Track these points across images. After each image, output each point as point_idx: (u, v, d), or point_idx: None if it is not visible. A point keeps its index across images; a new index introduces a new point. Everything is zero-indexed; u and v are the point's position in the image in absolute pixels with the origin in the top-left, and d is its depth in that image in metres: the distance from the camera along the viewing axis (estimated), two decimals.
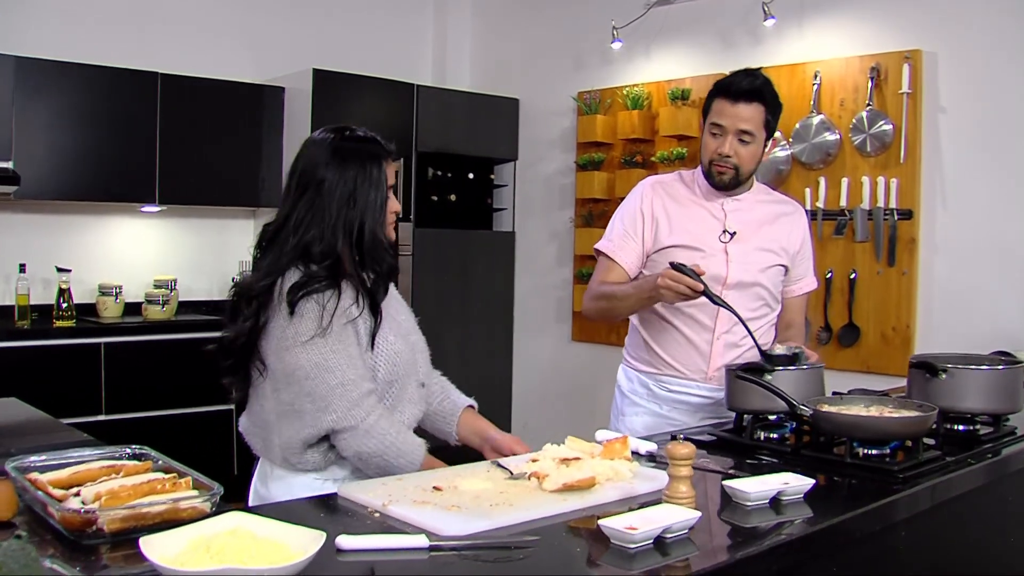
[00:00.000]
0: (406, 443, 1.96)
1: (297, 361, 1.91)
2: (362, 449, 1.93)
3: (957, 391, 2.26)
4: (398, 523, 1.55)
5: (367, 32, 6.04)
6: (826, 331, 4.42)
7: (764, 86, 2.54)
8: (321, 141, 2.03)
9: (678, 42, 5.13)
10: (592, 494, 1.69)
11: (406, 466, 1.94)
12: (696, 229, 2.60)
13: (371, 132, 2.09)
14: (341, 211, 1.97)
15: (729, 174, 2.57)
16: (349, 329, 1.95)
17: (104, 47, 4.85)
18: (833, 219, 4.37)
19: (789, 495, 1.72)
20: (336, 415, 1.91)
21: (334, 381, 1.90)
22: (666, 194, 2.66)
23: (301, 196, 1.99)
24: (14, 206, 4.63)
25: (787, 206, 2.74)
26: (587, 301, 2.69)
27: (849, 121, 4.32)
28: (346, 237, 1.97)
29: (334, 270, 1.96)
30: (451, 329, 5.86)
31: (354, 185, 1.98)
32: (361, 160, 2.01)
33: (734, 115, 2.51)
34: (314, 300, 1.91)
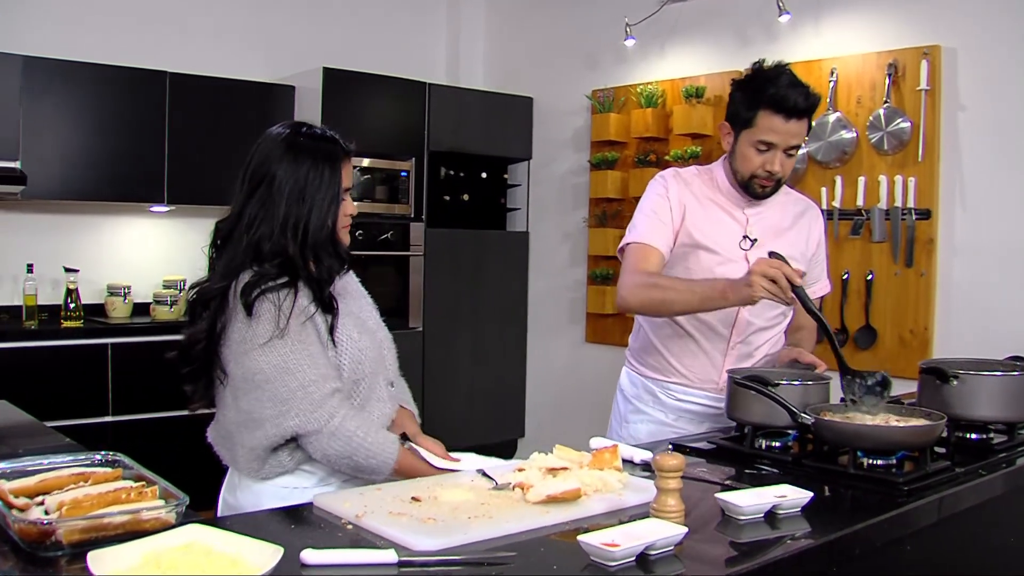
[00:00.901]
0: (375, 443, 1.89)
1: (256, 364, 1.85)
2: (329, 452, 1.87)
3: (969, 398, 2.17)
4: (371, 536, 1.49)
5: (379, 31, 6.00)
6: (842, 333, 4.32)
7: (818, 101, 2.38)
8: (276, 137, 1.98)
9: (692, 39, 5.04)
10: (577, 507, 1.61)
11: (379, 466, 1.88)
12: (715, 231, 2.48)
13: (331, 131, 2.04)
14: (291, 208, 1.91)
15: (772, 187, 2.46)
16: (309, 327, 1.89)
17: (112, 46, 4.83)
18: (850, 219, 4.27)
19: (785, 509, 1.64)
20: (299, 419, 1.84)
21: (295, 383, 1.84)
22: (687, 187, 2.52)
23: (253, 193, 1.94)
24: (22, 206, 4.61)
25: (803, 205, 2.64)
26: (631, 290, 2.38)
27: (866, 119, 4.21)
28: (295, 236, 1.92)
29: (287, 267, 1.90)
30: (463, 331, 5.80)
31: (305, 182, 1.92)
32: (314, 158, 1.95)
33: (787, 132, 2.34)
34: (269, 300, 1.86)
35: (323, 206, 1.94)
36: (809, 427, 1.94)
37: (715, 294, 2.25)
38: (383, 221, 5.45)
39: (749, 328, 2.46)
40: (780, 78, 2.35)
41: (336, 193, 1.96)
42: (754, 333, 2.48)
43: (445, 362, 5.75)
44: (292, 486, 1.93)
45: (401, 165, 5.53)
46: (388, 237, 5.48)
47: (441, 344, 5.74)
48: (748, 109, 2.38)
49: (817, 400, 2.11)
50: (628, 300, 2.40)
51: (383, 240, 5.45)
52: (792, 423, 2.00)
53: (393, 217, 5.51)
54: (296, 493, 1.91)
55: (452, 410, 5.77)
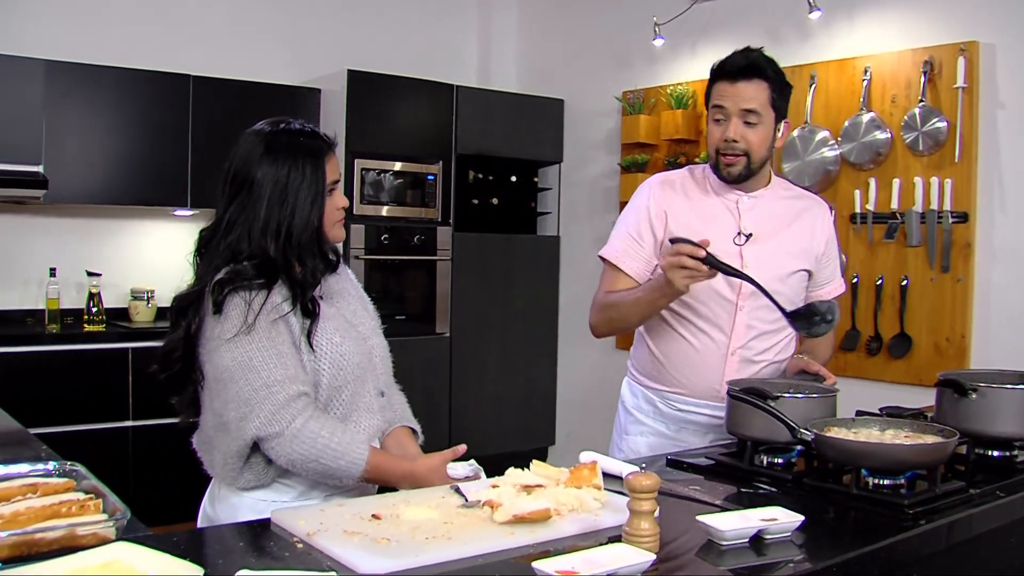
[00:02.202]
0: (342, 443, 1.80)
1: (223, 361, 1.79)
2: (293, 456, 1.79)
3: (989, 413, 2.02)
4: (320, 556, 1.40)
5: (409, 33, 5.94)
6: (876, 341, 4.15)
7: (763, 60, 2.31)
8: (254, 137, 1.91)
9: (722, 38, 4.89)
10: (547, 528, 1.51)
11: (348, 467, 1.80)
12: (706, 229, 2.35)
13: (310, 125, 1.96)
14: (272, 210, 1.84)
15: (739, 163, 2.32)
16: (280, 326, 1.82)
17: (135, 49, 4.83)
18: (884, 222, 4.10)
19: (773, 533, 1.52)
20: (259, 421, 1.76)
21: (258, 382, 1.77)
22: (673, 192, 2.44)
23: (234, 197, 1.88)
24: (45, 210, 4.62)
25: (808, 200, 2.49)
26: (593, 314, 2.48)
27: (901, 118, 4.04)
28: (276, 238, 1.85)
29: (265, 269, 1.83)
30: (491, 336, 5.71)
31: (286, 182, 1.85)
32: (294, 156, 1.88)
33: (735, 95, 2.28)
34: (240, 296, 1.80)
35: (306, 206, 1.87)
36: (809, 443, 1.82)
37: (655, 296, 2.27)
38: (410, 225, 5.39)
39: (749, 333, 2.33)
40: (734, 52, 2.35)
41: (320, 191, 1.89)
42: (755, 338, 2.34)
43: (473, 368, 5.67)
44: (270, 500, 1.85)
45: (428, 168, 5.46)
46: (415, 241, 5.41)
47: (469, 350, 5.65)
48: (708, 88, 2.38)
49: (822, 414, 1.98)
50: (594, 326, 2.50)
51: (410, 244, 5.39)
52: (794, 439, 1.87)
53: (420, 221, 5.44)
54: (273, 507, 1.82)
55: (479, 418, 5.68)
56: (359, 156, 5.17)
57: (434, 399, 5.51)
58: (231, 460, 1.82)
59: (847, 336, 4.24)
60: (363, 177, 5.21)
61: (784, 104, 2.35)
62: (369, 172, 5.23)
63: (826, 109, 4.35)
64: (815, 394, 2.05)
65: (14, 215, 4.64)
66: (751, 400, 1.90)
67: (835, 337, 2.55)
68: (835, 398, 2.07)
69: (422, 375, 5.47)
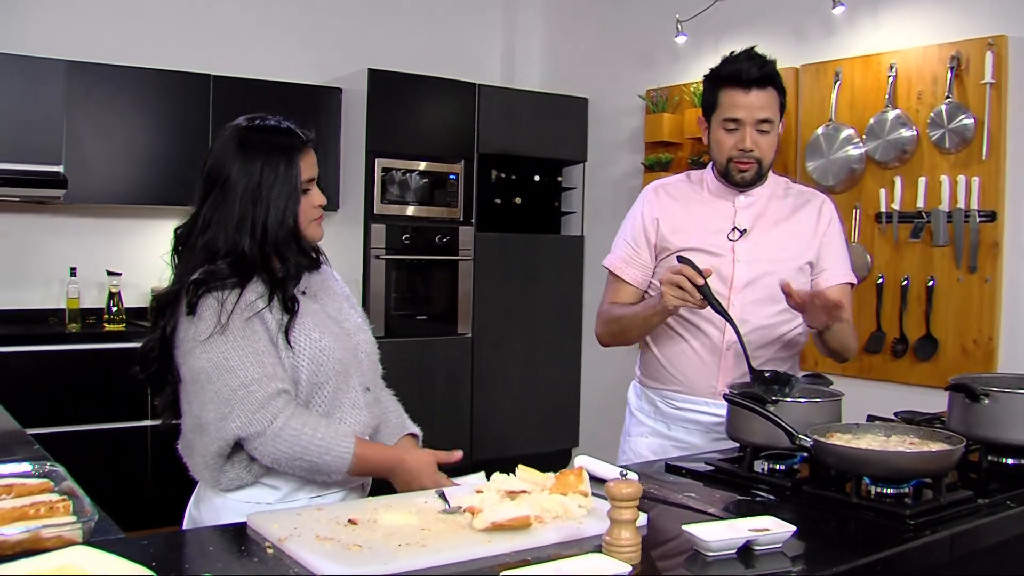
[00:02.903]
0: (326, 438, 1.77)
1: (199, 363, 1.77)
2: (277, 454, 1.76)
3: (1002, 419, 1.94)
4: (289, 562, 1.37)
5: (433, 33, 5.91)
6: (901, 343, 4.05)
7: (774, 69, 2.29)
8: (228, 134, 1.89)
9: (746, 35, 4.79)
10: (526, 536, 1.46)
11: (334, 462, 1.77)
12: (702, 230, 2.36)
13: (286, 121, 1.93)
14: (246, 209, 1.82)
15: (752, 169, 2.32)
16: (256, 324, 1.79)
17: (155, 49, 4.84)
18: (909, 222, 4.00)
19: (763, 544, 1.46)
20: (239, 421, 1.74)
21: (236, 382, 1.74)
22: (669, 197, 2.45)
23: (209, 194, 1.86)
24: (66, 209, 4.65)
25: (808, 197, 2.46)
26: (598, 325, 2.51)
27: (927, 115, 3.94)
28: (251, 235, 1.82)
29: (239, 266, 1.81)
30: (514, 337, 5.67)
31: (259, 180, 1.82)
32: (267, 153, 1.85)
33: (749, 105, 2.25)
34: (213, 297, 1.78)
35: (280, 203, 1.84)
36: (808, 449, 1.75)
37: (648, 313, 2.28)
38: (432, 225, 5.36)
39: (744, 328, 2.26)
40: (738, 56, 2.31)
41: (294, 187, 1.86)
42: (751, 333, 2.28)
43: (495, 369, 5.63)
44: (254, 501, 1.82)
45: (450, 168, 5.43)
46: (437, 241, 5.38)
47: (491, 351, 5.61)
48: (712, 93, 2.34)
49: (826, 419, 1.91)
50: (599, 336, 2.52)
51: (431, 244, 5.36)
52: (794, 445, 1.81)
53: (442, 221, 5.42)
54: (257, 509, 1.80)
55: (502, 419, 5.64)
56: (380, 156, 5.15)
57: (456, 400, 5.48)
58: (211, 461, 1.79)
59: (872, 338, 4.14)
60: (384, 177, 5.18)
61: (785, 104, 2.36)
62: (390, 172, 5.20)
63: (851, 106, 4.25)
64: (818, 398, 1.98)
65: (35, 215, 4.67)
66: (748, 405, 1.84)
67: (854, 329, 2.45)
68: (840, 403, 2.00)
69: (443, 376, 5.44)
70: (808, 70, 4.45)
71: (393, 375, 5.56)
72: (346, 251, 5.27)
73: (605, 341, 2.50)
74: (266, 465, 1.80)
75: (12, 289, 4.61)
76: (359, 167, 5.15)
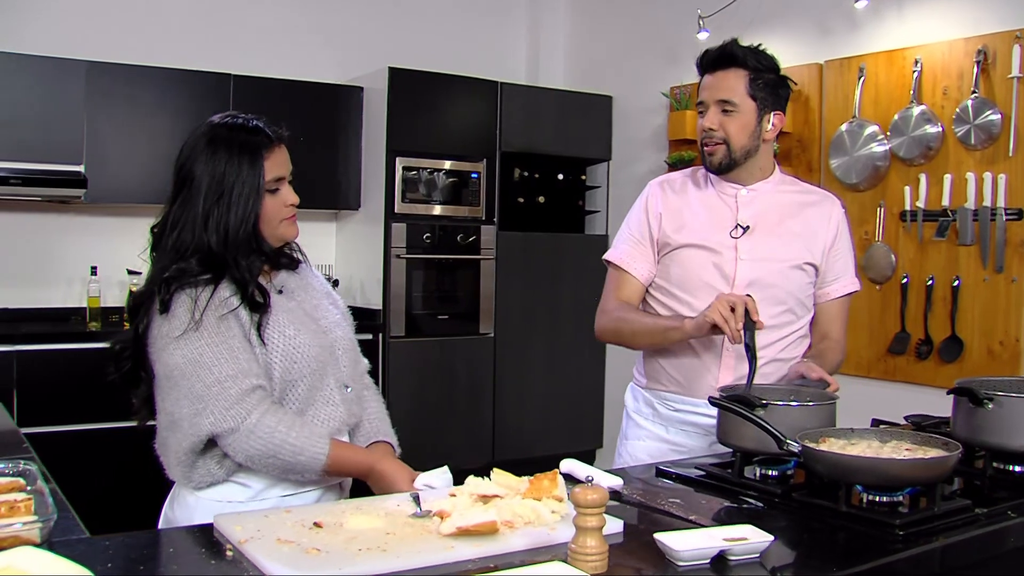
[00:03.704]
0: (300, 438, 1.74)
1: (172, 360, 1.75)
2: (250, 451, 1.74)
3: (1008, 425, 1.86)
4: (248, 565, 1.34)
5: (457, 31, 5.89)
6: (926, 344, 3.95)
7: (738, 49, 2.26)
8: (197, 132, 1.88)
9: (769, 31, 4.72)
10: (493, 542, 1.42)
11: (308, 462, 1.75)
12: (704, 226, 2.30)
13: (256, 119, 1.91)
14: (210, 207, 1.80)
15: (719, 152, 2.27)
16: (230, 321, 1.77)
17: (175, 49, 4.87)
18: (935, 220, 3.90)
19: (738, 554, 1.40)
20: (213, 417, 1.72)
21: (210, 379, 1.73)
22: (673, 192, 2.40)
23: (178, 194, 1.85)
24: (88, 209, 4.68)
25: (816, 196, 2.40)
26: (602, 319, 2.41)
27: (952, 111, 3.83)
28: (216, 233, 1.80)
29: (207, 263, 1.79)
30: (537, 337, 5.62)
31: (222, 178, 1.81)
32: (230, 151, 1.83)
33: (712, 86, 2.26)
34: (186, 294, 1.76)
35: (242, 202, 1.82)
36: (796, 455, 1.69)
37: (675, 323, 2.21)
38: (453, 224, 5.33)
39: None
40: None
41: (257, 187, 1.83)
42: None
43: (517, 369, 5.59)
44: (226, 499, 1.80)
45: (472, 167, 5.40)
46: (458, 240, 5.36)
47: (513, 351, 5.57)
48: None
49: (819, 423, 1.85)
50: (599, 331, 2.43)
51: (453, 243, 5.34)
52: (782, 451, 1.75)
53: (464, 220, 5.39)
54: (229, 508, 1.78)
55: (524, 420, 5.60)
56: (401, 154, 5.14)
57: (477, 401, 5.45)
58: (183, 457, 1.78)
59: (896, 339, 4.05)
60: (405, 176, 5.17)
61: (770, 95, 2.27)
62: (411, 171, 5.18)
63: (875, 102, 4.15)
64: (810, 402, 1.91)
65: (56, 214, 4.72)
66: (735, 409, 1.78)
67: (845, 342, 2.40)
68: (833, 406, 1.94)
69: (465, 376, 5.42)
70: (832, 66, 4.35)
71: (414, 374, 5.56)
72: (367, 250, 5.27)
73: (605, 338, 2.43)
74: (239, 462, 1.78)
75: (34, 288, 4.66)
76: (380, 166, 5.14)
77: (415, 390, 5.24)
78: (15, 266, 4.65)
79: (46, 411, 4.18)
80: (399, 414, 5.11)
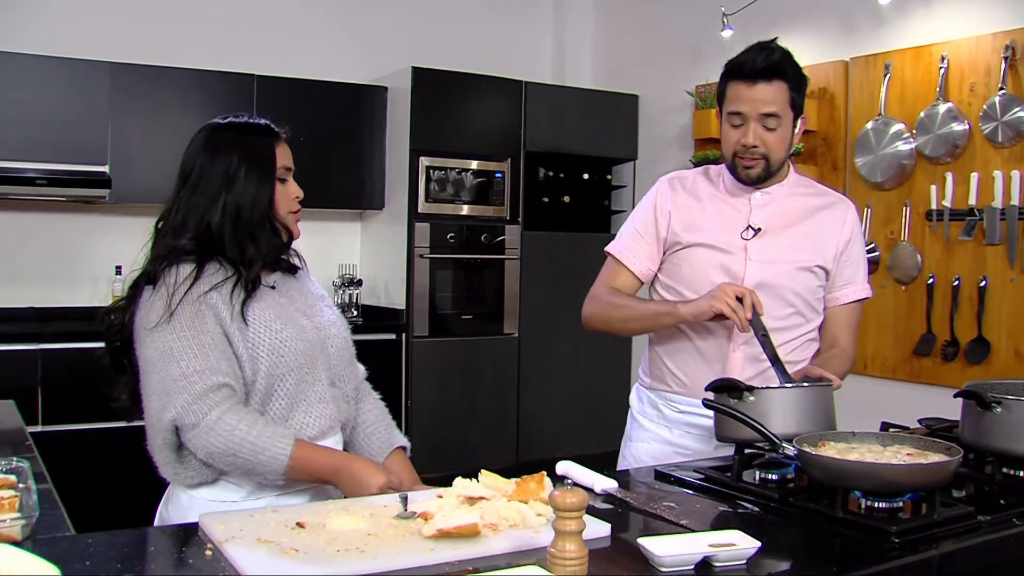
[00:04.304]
0: (261, 437, 1.72)
1: (147, 352, 1.76)
2: (210, 448, 1.73)
3: (1015, 429, 1.81)
4: (226, 565, 1.34)
5: (483, 31, 5.89)
6: (952, 346, 3.88)
7: (783, 60, 2.14)
8: (200, 131, 1.91)
9: (794, 27, 4.66)
10: (474, 544, 1.40)
11: (269, 462, 1.72)
12: (715, 226, 2.25)
13: (258, 118, 1.93)
14: (218, 193, 1.82)
15: (758, 166, 2.19)
16: (205, 315, 1.77)
17: (199, 50, 4.91)
18: (961, 219, 3.82)
19: (723, 561, 1.37)
20: (176, 411, 1.72)
21: (177, 372, 1.72)
22: (684, 190, 2.33)
23: (180, 189, 1.87)
24: (113, 209, 4.73)
25: (829, 198, 2.32)
26: (590, 305, 2.36)
27: (979, 108, 3.76)
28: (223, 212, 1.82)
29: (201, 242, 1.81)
30: (562, 337, 5.59)
31: (231, 169, 1.83)
32: (239, 145, 1.86)
33: (753, 99, 2.12)
34: (163, 282, 1.77)
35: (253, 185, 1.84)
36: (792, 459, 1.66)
37: (667, 308, 2.17)
38: (477, 224, 5.33)
39: None
40: (750, 47, 2.17)
41: (268, 172, 1.86)
42: None
43: (542, 370, 5.57)
44: (219, 499, 1.80)
45: (496, 166, 5.39)
46: (482, 240, 5.35)
47: (538, 351, 5.56)
48: (721, 85, 2.22)
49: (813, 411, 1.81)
50: (587, 317, 2.37)
51: (477, 243, 5.33)
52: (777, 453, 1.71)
53: (488, 220, 5.38)
54: (223, 508, 1.78)
55: (549, 420, 5.58)
56: (424, 154, 5.14)
57: (502, 401, 5.44)
58: (159, 455, 1.79)
59: (922, 340, 3.98)
60: (429, 175, 5.17)
61: (802, 100, 2.20)
62: (435, 170, 5.18)
63: (901, 100, 4.08)
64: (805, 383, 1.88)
65: (81, 214, 4.78)
66: (728, 410, 1.74)
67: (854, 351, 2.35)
68: (830, 392, 1.91)
69: (490, 376, 5.41)
70: (857, 63, 4.29)
71: (438, 374, 5.54)
72: (391, 250, 5.28)
73: (593, 324, 2.36)
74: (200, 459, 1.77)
75: (60, 287, 4.72)
76: (403, 166, 5.14)
77: (439, 390, 5.24)
78: (41, 265, 4.72)
79: (70, 409, 4.22)
80: (422, 414, 5.17)
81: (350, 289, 5.33)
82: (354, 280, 5.36)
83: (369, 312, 5.38)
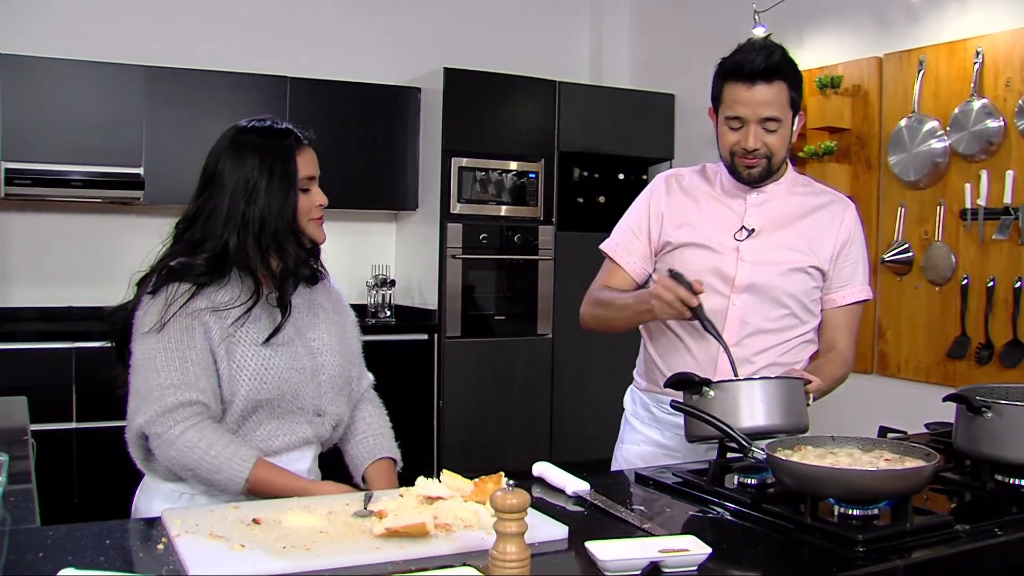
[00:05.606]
0: (220, 457, 1.73)
1: (136, 353, 1.80)
2: (170, 459, 1.76)
3: (1007, 435, 1.75)
4: (174, 558, 1.35)
5: (519, 31, 5.88)
6: (987, 348, 3.76)
7: (783, 59, 2.07)
8: (224, 135, 1.92)
9: (828, 25, 4.58)
10: (420, 544, 1.40)
11: (225, 481, 1.74)
12: (708, 226, 2.20)
13: (283, 122, 1.94)
14: (236, 205, 1.83)
15: (759, 166, 2.13)
16: (195, 330, 1.78)
17: (232, 53, 4.98)
18: (996, 218, 3.70)
19: (672, 567, 1.34)
20: (145, 418, 1.75)
21: (155, 381, 1.75)
22: (679, 188, 2.29)
23: (203, 192, 1.89)
24: (147, 210, 4.82)
25: (827, 198, 2.26)
26: (585, 306, 2.36)
27: (1015, 104, 3.64)
28: (240, 230, 1.82)
29: (216, 262, 1.82)
30: (596, 338, 5.51)
31: (252, 177, 1.83)
32: (261, 151, 1.86)
33: (752, 101, 2.06)
34: (163, 291, 1.79)
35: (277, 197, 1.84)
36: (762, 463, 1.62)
37: (643, 307, 2.11)
38: (510, 224, 5.32)
39: (744, 330, 2.12)
40: (745, 45, 2.10)
41: (291, 183, 1.86)
42: (751, 336, 2.14)
43: (576, 372, 5.53)
44: (187, 493, 1.83)
45: (530, 167, 5.38)
46: (516, 241, 5.34)
47: (572, 352, 5.52)
48: (717, 85, 2.15)
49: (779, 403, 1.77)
50: (582, 316, 2.38)
51: (510, 244, 5.32)
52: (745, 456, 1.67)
53: (521, 220, 5.37)
54: (184, 499, 1.82)
55: (583, 422, 5.54)
56: (456, 155, 5.15)
57: (535, 402, 5.42)
58: (132, 448, 1.83)
59: (956, 343, 3.87)
60: (461, 176, 5.17)
61: (800, 97, 2.15)
62: (467, 171, 5.19)
63: (935, 97, 3.97)
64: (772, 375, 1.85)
65: (116, 215, 4.88)
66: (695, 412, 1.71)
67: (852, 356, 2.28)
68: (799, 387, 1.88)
69: (523, 377, 5.39)
70: (891, 59, 4.18)
71: (470, 375, 5.55)
72: (424, 250, 5.30)
73: (588, 324, 2.36)
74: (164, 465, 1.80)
75: (96, 287, 4.81)
76: (436, 167, 5.15)
77: (471, 391, 5.24)
78: (77, 265, 4.83)
79: (103, 406, 4.31)
80: (454, 415, 5.18)
81: (383, 289, 5.36)
82: (387, 280, 5.39)
83: (402, 312, 5.41)
